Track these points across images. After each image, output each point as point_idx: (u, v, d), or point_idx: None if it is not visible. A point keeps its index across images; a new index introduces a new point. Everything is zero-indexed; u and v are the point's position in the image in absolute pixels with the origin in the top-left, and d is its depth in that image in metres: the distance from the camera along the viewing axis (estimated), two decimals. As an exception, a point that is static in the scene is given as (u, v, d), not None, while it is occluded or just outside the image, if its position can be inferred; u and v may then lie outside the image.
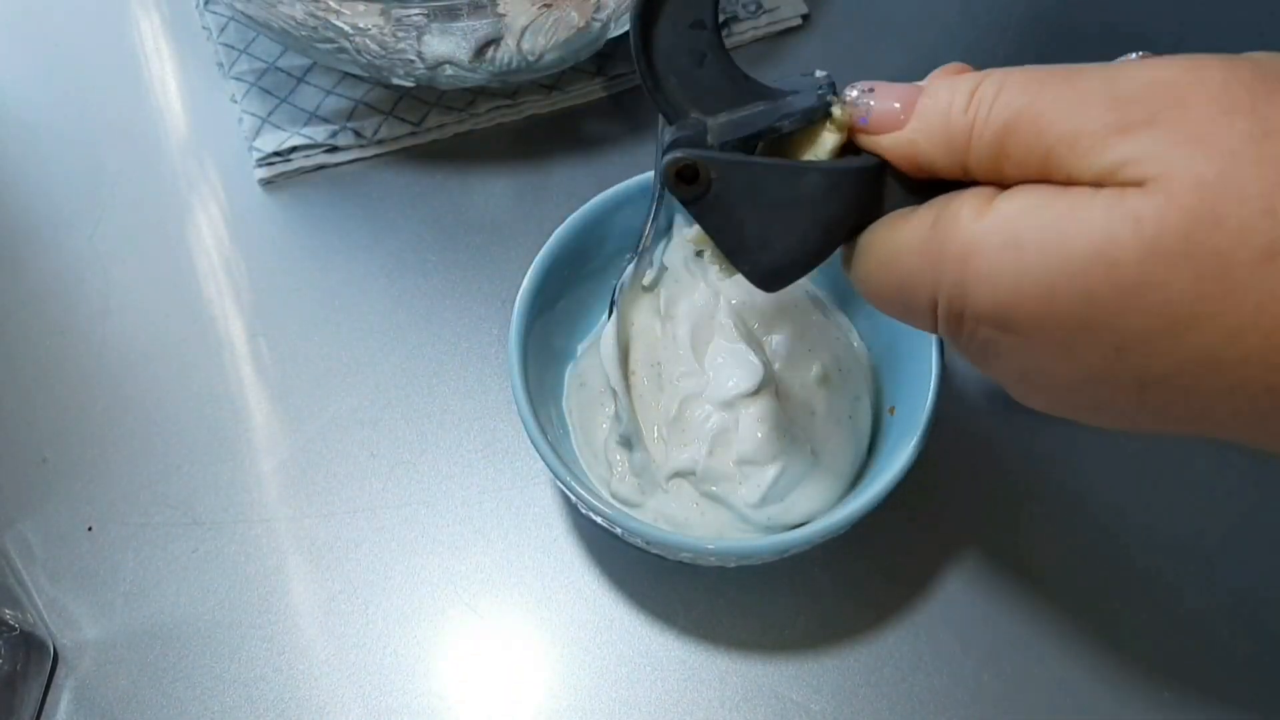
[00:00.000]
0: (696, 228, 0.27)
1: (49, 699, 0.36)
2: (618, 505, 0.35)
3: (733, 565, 0.37)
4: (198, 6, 0.53)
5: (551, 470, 0.33)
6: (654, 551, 0.35)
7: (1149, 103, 0.21)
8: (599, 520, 0.34)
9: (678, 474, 0.35)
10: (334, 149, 0.48)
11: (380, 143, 0.48)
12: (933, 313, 0.24)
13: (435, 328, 0.44)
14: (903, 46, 0.52)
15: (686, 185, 0.25)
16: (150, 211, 0.48)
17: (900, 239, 0.25)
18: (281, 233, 0.47)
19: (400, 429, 0.41)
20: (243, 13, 0.44)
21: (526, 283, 0.37)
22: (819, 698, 0.36)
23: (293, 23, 0.42)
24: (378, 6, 0.41)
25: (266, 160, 0.48)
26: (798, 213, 0.26)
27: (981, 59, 0.30)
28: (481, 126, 0.49)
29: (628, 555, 0.38)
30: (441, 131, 0.49)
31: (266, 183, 0.48)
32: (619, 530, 0.33)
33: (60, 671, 0.37)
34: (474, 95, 0.49)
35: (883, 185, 0.26)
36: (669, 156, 0.25)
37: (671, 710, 0.36)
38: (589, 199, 0.38)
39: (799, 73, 0.27)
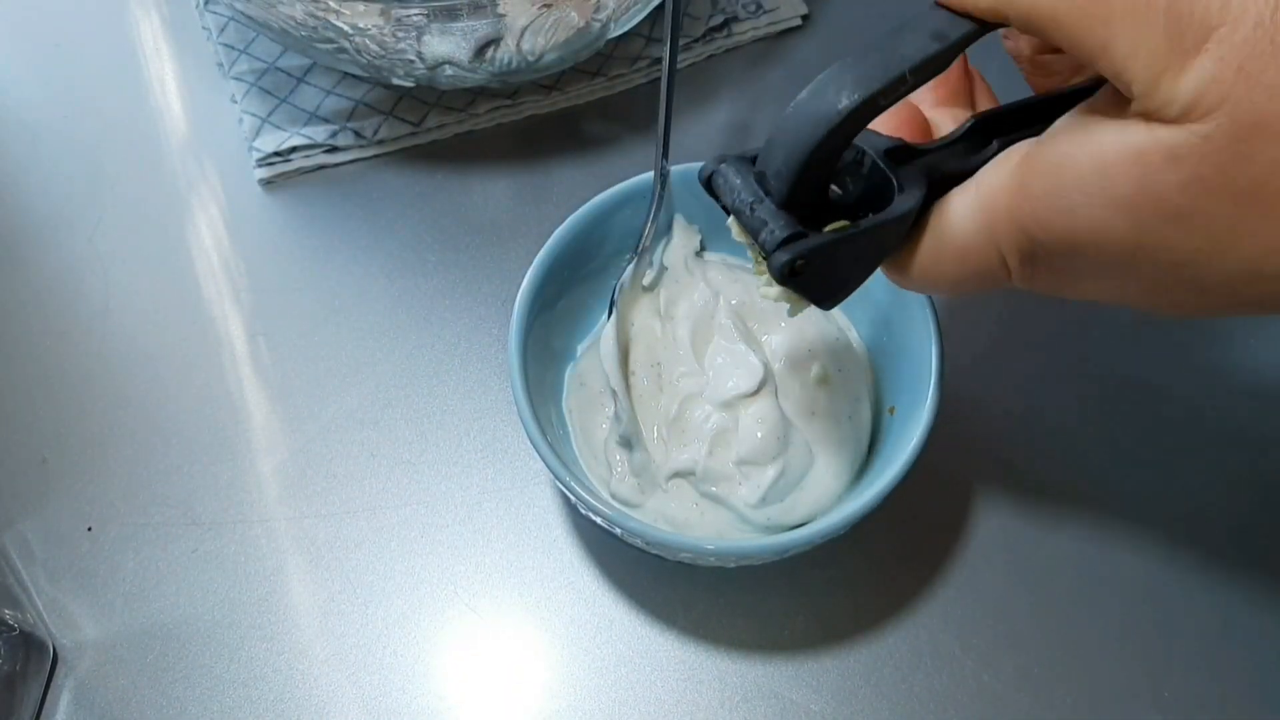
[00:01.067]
0: (777, 288, 0.28)
1: (49, 699, 0.36)
2: (617, 505, 0.35)
3: (732, 565, 0.37)
4: (198, 6, 0.53)
5: (551, 471, 0.33)
6: (654, 552, 0.35)
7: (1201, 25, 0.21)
8: (599, 520, 0.34)
9: (677, 474, 0.36)
10: (334, 149, 0.48)
11: (380, 143, 0.48)
12: (1005, 266, 0.25)
13: (435, 328, 0.44)
14: (903, 46, 0.51)
15: (797, 276, 0.26)
16: (150, 211, 0.48)
17: (951, 218, 0.26)
18: (281, 233, 0.47)
19: (400, 429, 0.41)
20: (243, 13, 0.44)
21: (526, 283, 0.37)
22: (819, 698, 0.36)
23: (293, 23, 0.42)
24: (378, 6, 0.41)
25: (266, 160, 0.48)
26: (876, 254, 0.27)
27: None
28: (481, 126, 0.49)
29: (628, 555, 0.38)
30: (441, 131, 0.49)
31: (266, 183, 0.48)
32: (619, 531, 0.33)
33: (60, 671, 0.37)
34: (474, 95, 0.49)
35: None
36: (781, 259, 0.26)
37: (671, 710, 0.36)
38: (589, 199, 0.38)
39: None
